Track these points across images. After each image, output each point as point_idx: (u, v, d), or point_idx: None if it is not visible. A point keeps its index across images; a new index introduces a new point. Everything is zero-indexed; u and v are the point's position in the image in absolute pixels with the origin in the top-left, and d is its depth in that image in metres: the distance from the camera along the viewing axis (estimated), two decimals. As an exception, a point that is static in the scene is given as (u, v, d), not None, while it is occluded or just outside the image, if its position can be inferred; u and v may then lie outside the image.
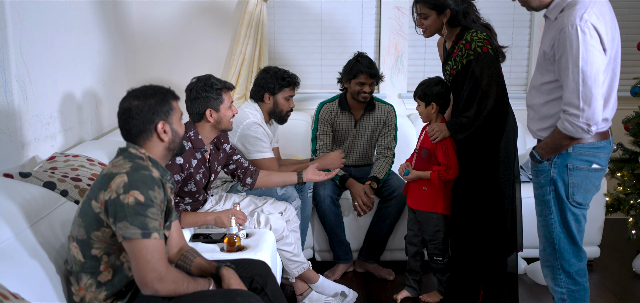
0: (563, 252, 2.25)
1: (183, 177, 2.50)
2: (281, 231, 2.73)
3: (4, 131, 2.28)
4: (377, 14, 4.13)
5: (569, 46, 1.99)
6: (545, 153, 2.20)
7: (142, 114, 1.79)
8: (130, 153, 1.80)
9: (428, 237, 2.95)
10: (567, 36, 1.99)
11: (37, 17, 2.50)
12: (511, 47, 4.20)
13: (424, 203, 2.92)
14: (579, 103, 2.01)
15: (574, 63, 1.99)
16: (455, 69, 2.67)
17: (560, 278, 2.28)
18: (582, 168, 2.17)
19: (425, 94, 2.84)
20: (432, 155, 2.84)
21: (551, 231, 2.25)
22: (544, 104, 2.20)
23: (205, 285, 1.84)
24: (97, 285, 1.77)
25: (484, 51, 2.56)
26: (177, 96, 1.92)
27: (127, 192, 1.66)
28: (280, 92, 3.09)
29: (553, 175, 2.20)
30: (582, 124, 2.03)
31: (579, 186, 2.19)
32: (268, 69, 3.14)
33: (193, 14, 4.00)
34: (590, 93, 1.99)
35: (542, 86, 2.20)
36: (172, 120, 1.85)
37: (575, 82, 2.00)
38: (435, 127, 2.79)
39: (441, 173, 2.76)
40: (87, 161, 2.43)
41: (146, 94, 1.82)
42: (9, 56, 2.26)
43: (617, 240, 3.92)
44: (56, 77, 2.70)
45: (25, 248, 1.74)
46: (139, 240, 1.66)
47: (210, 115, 2.54)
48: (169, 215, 1.86)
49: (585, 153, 2.16)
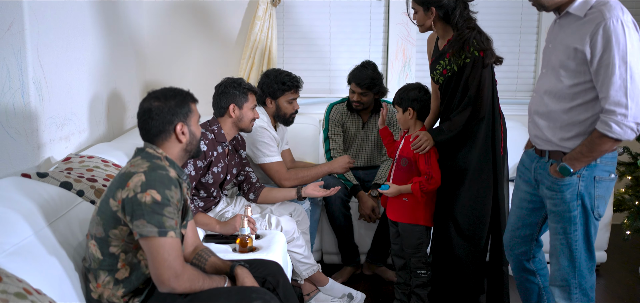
0: (582, 268, 2.13)
1: (205, 163, 2.58)
2: (292, 233, 2.77)
3: (21, 132, 2.32)
4: (385, 19, 4.16)
5: (614, 41, 1.87)
6: (579, 164, 2.03)
7: (162, 115, 1.83)
8: (147, 153, 1.84)
9: (410, 250, 2.77)
10: (613, 31, 1.87)
11: (53, 20, 2.54)
12: (519, 53, 4.23)
13: (405, 214, 2.76)
14: (627, 101, 1.88)
15: (621, 58, 1.87)
16: (449, 69, 2.61)
17: (575, 296, 2.16)
18: (605, 179, 2.07)
19: (402, 99, 2.72)
20: (412, 164, 2.71)
21: (574, 249, 2.12)
22: (567, 111, 2.05)
23: (220, 283, 1.87)
24: (115, 283, 1.80)
25: (481, 55, 2.52)
26: (196, 99, 1.96)
27: (145, 191, 1.69)
28: (282, 96, 3.08)
29: (581, 189, 2.06)
30: (631, 124, 1.90)
31: (602, 198, 2.08)
32: (268, 73, 3.12)
33: (202, 18, 4.04)
34: (637, 90, 1.88)
35: (563, 91, 2.04)
36: (190, 122, 1.89)
37: (623, 79, 1.87)
38: (423, 136, 2.64)
39: (423, 184, 2.61)
40: (102, 162, 2.48)
41: (166, 96, 1.86)
42: (27, 58, 2.31)
43: (623, 244, 3.92)
44: (71, 79, 2.74)
45: (45, 246, 1.77)
46: (156, 239, 1.69)
47: (233, 110, 2.67)
48: (186, 215, 1.90)
49: (608, 163, 2.06)
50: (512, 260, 2.44)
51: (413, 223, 2.74)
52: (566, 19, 2.06)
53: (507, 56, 4.19)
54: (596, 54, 1.91)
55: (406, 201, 2.73)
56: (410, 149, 2.69)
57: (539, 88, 2.19)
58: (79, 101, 2.84)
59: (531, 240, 2.37)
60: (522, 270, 2.43)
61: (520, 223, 2.36)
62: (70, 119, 2.75)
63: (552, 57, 2.11)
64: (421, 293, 2.80)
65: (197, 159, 2.53)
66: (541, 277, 2.41)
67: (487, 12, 4.06)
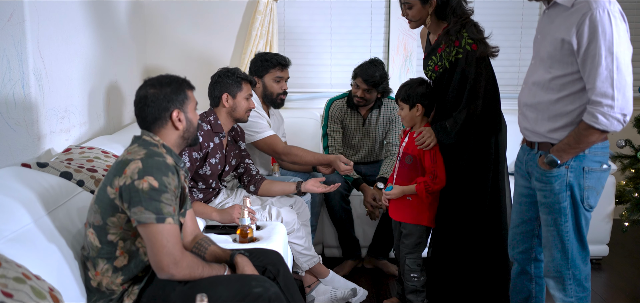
0: (575, 259, 2.13)
1: (201, 155, 2.58)
2: (292, 224, 2.76)
3: (21, 123, 2.32)
4: (386, 13, 4.16)
5: (601, 32, 1.86)
6: (567, 155, 2.03)
7: (158, 102, 1.83)
8: (144, 140, 1.84)
9: (407, 250, 2.70)
10: (599, 21, 1.86)
11: (53, 12, 2.54)
12: (520, 47, 4.22)
13: (408, 214, 2.69)
14: (613, 92, 1.87)
15: (608, 49, 1.86)
16: (440, 65, 2.55)
17: (570, 287, 2.16)
18: (595, 169, 2.06)
19: (410, 95, 2.63)
20: (417, 162, 2.64)
21: (565, 240, 2.12)
22: (555, 102, 2.04)
23: (220, 271, 1.87)
24: (114, 270, 1.80)
25: (473, 49, 2.43)
26: (193, 86, 1.96)
27: (142, 178, 1.69)
28: (267, 73, 3.13)
29: (570, 180, 2.05)
30: (617, 115, 1.89)
31: (592, 189, 2.08)
32: (257, 55, 3.21)
33: (204, 12, 4.04)
34: (623, 81, 1.87)
35: (551, 82, 2.04)
36: (187, 109, 1.89)
37: (609, 70, 1.87)
38: (426, 132, 2.59)
39: (428, 184, 2.56)
40: (102, 153, 2.48)
41: (162, 83, 1.86)
42: (27, 49, 2.31)
43: (624, 238, 3.91)
44: (71, 71, 2.74)
45: (44, 234, 1.78)
46: (154, 225, 1.69)
47: (226, 100, 2.66)
48: (184, 202, 1.90)
49: (598, 153, 2.05)
50: (514, 259, 2.42)
51: (416, 223, 2.68)
52: (554, 10, 2.05)
53: (508, 51, 4.23)
54: (583, 44, 1.90)
55: (410, 201, 2.68)
56: (415, 146, 2.63)
57: (527, 79, 2.18)
58: (79, 93, 2.84)
59: (532, 236, 2.35)
60: (521, 273, 2.41)
61: (520, 219, 2.35)
62: (71, 112, 2.75)
63: (541, 48, 2.10)
64: (415, 299, 2.72)
65: (193, 150, 2.53)
66: (536, 286, 2.41)
67: (489, 6, 4.05)
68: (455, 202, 2.60)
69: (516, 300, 2.44)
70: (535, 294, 2.40)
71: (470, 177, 2.57)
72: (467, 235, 2.60)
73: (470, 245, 2.61)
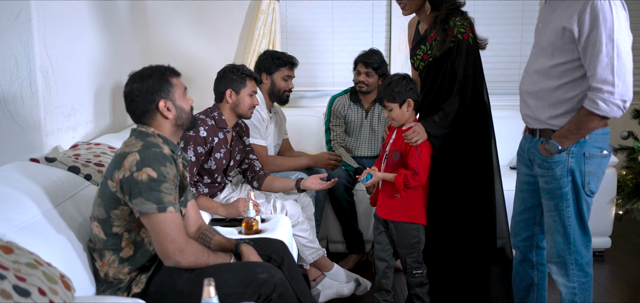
0: (577, 244, 2.16)
1: (206, 149, 2.61)
2: (297, 217, 2.79)
3: (28, 121, 2.36)
4: (387, 11, 4.19)
5: (601, 19, 1.89)
6: (567, 141, 2.06)
7: (142, 95, 1.86)
8: (140, 132, 1.87)
9: (406, 250, 2.61)
10: (600, 9, 1.89)
11: (60, 11, 2.58)
12: (521, 44, 4.25)
13: (398, 212, 2.58)
14: (613, 79, 1.90)
15: (608, 36, 1.89)
16: (430, 54, 2.48)
17: (572, 272, 2.19)
18: (596, 155, 2.09)
19: (398, 92, 2.51)
20: (405, 158, 2.56)
21: (567, 225, 2.15)
22: (556, 89, 2.07)
23: (225, 259, 1.90)
24: (120, 261, 1.83)
25: (464, 38, 2.39)
26: (178, 72, 1.97)
27: (140, 169, 1.72)
28: (277, 71, 3.21)
29: (571, 165, 2.09)
30: (617, 101, 1.92)
31: (593, 174, 2.11)
32: (265, 52, 3.30)
33: (207, 12, 4.08)
34: (624, 67, 1.91)
35: (552, 69, 2.07)
36: (174, 97, 1.90)
37: (609, 57, 1.90)
38: (417, 128, 2.50)
39: (407, 179, 2.46)
40: (109, 149, 2.52)
41: (143, 76, 1.88)
42: (34, 47, 2.35)
43: (626, 230, 3.92)
44: (77, 70, 2.78)
45: (53, 225, 1.82)
46: (156, 215, 1.72)
47: (230, 96, 2.70)
48: (184, 191, 1.92)
49: (599, 139, 2.09)
50: (517, 247, 2.44)
51: (408, 221, 2.57)
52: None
53: (508, 47, 4.26)
54: (584, 32, 1.93)
55: (397, 198, 2.56)
56: (403, 142, 2.55)
57: (528, 67, 2.21)
58: (85, 91, 2.88)
59: (534, 224, 2.37)
60: (523, 260, 2.43)
61: (523, 206, 2.37)
62: (77, 110, 2.79)
63: (542, 36, 2.13)
64: (421, 292, 2.66)
65: (198, 144, 2.56)
66: (538, 273, 2.42)
67: (490, 3, 4.08)
68: (447, 197, 2.55)
69: (518, 288, 2.46)
70: (537, 281, 2.42)
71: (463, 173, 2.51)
72: (458, 230, 2.55)
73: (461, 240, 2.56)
